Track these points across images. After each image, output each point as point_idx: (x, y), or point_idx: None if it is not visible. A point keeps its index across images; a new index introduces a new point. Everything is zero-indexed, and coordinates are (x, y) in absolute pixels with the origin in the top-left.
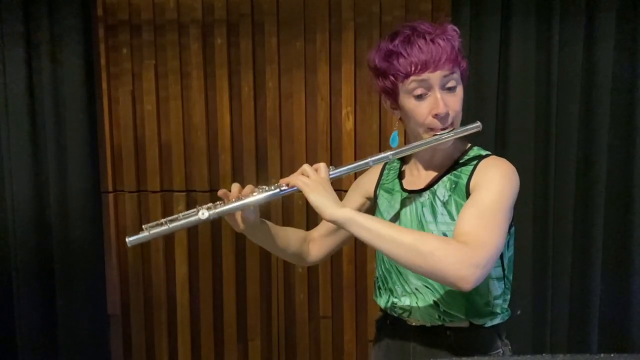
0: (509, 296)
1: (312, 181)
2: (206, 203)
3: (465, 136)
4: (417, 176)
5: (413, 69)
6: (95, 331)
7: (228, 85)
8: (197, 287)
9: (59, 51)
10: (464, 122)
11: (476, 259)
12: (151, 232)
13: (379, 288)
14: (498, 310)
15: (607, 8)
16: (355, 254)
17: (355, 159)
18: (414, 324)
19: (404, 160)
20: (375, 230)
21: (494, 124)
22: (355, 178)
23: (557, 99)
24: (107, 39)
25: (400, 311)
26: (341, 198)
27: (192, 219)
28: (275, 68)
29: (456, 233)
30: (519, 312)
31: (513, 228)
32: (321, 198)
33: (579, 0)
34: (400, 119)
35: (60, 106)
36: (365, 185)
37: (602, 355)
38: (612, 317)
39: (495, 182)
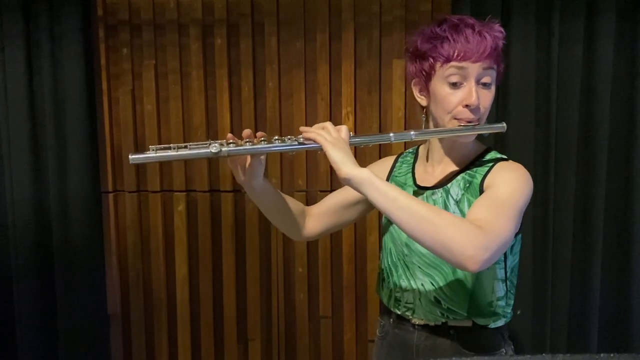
0: (512, 301)
1: (333, 138)
2: (206, 203)
3: (482, 139)
4: (431, 173)
5: (456, 54)
6: (95, 331)
7: (228, 85)
8: (197, 287)
9: (59, 51)
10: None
11: (487, 242)
12: (158, 153)
13: (383, 280)
14: (500, 312)
15: (607, 8)
16: (355, 254)
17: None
18: (417, 322)
19: (418, 156)
20: (391, 195)
21: None
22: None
23: (557, 99)
24: (107, 39)
25: (404, 309)
26: None
27: (202, 151)
28: (275, 68)
29: (469, 219)
30: (518, 312)
31: (520, 235)
32: (341, 154)
33: (579, 0)
34: (424, 109)
35: (60, 106)
36: (377, 173)
37: (602, 355)
38: (612, 317)
39: (510, 181)
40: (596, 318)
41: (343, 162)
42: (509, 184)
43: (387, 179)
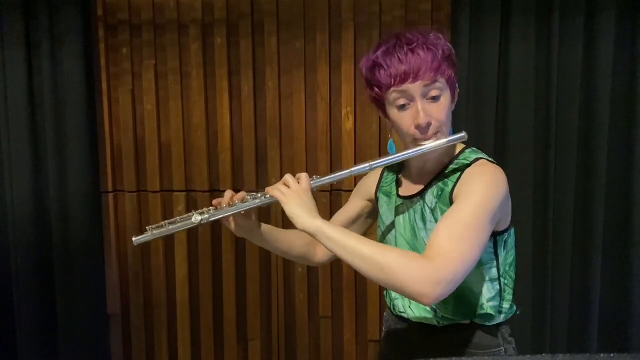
0: (511, 296)
1: (289, 192)
2: (206, 203)
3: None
4: (411, 181)
5: (392, 80)
6: (95, 331)
7: (228, 85)
8: (197, 287)
9: (59, 51)
10: (465, 123)
11: (438, 276)
12: (154, 232)
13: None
14: (492, 312)
15: (607, 8)
16: None
17: (355, 159)
18: (416, 320)
19: (402, 165)
20: (340, 242)
21: (493, 124)
22: (355, 182)
23: (557, 99)
24: (107, 39)
25: (402, 310)
26: (342, 198)
27: (187, 222)
28: (275, 68)
29: (427, 245)
30: (519, 312)
31: (513, 229)
32: (296, 209)
33: (579, 0)
34: (393, 126)
35: (60, 106)
36: (367, 188)
37: (602, 355)
38: (612, 317)
39: (476, 192)
40: (596, 318)
41: (297, 215)
42: (475, 196)
43: (377, 191)
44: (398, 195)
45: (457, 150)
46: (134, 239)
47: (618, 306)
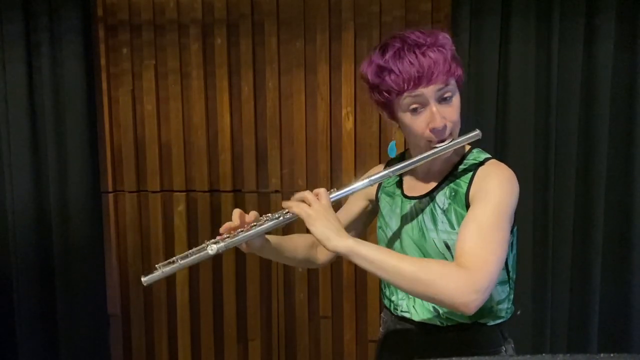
0: (512, 296)
1: (314, 211)
2: (206, 203)
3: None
4: (418, 181)
5: (406, 85)
6: (95, 331)
7: (228, 85)
8: (197, 287)
9: (59, 51)
10: (465, 123)
11: (477, 285)
12: (164, 270)
13: (385, 287)
14: (502, 314)
15: (607, 8)
16: None
17: (355, 159)
18: (416, 320)
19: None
20: (377, 262)
21: (493, 124)
22: (355, 175)
23: (557, 99)
24: (107, 39)
25: (405, 312)
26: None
27: (202, 254)
28: (275, 68)
29: (457, 253)
30: (518, 312)
31: (515, 228)
32: (323, 229)
33: (579, 0)
34: (399, 127)
35: (60, 106)
36: (368, 189)
37: (602, 355)
38: (612, 317)
39: (494, 192)
40: (596, 318)
41: (326, 236)
42: (493, 197)
43: (378, 191)
44: (404, 196)
45: (465, 150)
46: (142, 279)
47: (618, 306)
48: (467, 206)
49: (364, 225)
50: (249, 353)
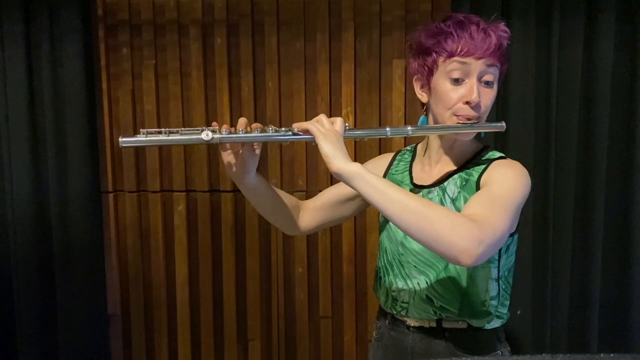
0: (508, 301)
1: (327, 130)
2: (206, 203)
3: (481, 138)
4: (428, 172)
5: (459, 50)
6: (95, 331)
7: (228, 85)
8: (197, 287)
9: (59, 51)
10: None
11: (481, 235)
12: (148, 137)
13: (380, 279)
14: (493, 311)
15: (607, 8)
16: (355, 254)
17: (355, 159)
18: (412, 324)
19: (416, 154)
20: (382, 190)
21: None
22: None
23: (557, 99)
24: (107, 39)
25: (400, 309)
26: None
27: (194, 137)
28: (275, 68)
29: (464, 211)
30: (519, 312)
31: (516, 235)
32: (333, 148)
33: (579, 0)
34: (424, 106)
35: (60, 106)
36: (373, 169)
37: (602, 355)
38: (612, 317)
39: (507, 178)
40: (596, 318)
41: (334, 156)
42: (505, 181)
43: (384, 177)
44: (413, 184)
45: (480, 148)
46: (120, 139)
47: (618, 306)
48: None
49: (359, 208)
50: (249, 353)
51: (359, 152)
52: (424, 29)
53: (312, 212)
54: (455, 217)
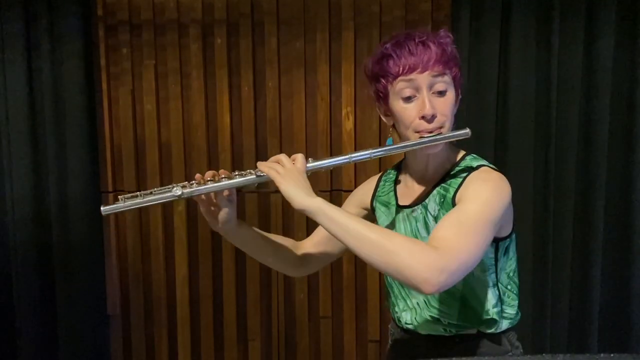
0: (515, 301)
1: (286, 170)
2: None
3: (459, 145)
4: (411, 189)
5: (401, 69)
6: (95, 331)
7: (228, 85)
8: (197, 287)
9: (59, 51)
10: (465, 122)
11: (442, 264)
12: (126, 202)
13: (388, 298)
14: (496, 317)
15: (607, 8)
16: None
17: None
18: (423, 333)
19: (399, 173)
20: (342, 224)
21: (494, 124)
22: (355, 175)
23: (557, 99)
24: (107, 39)
25: (407, 326)
26: (340, 197)
27: (166, 194)
28: (275, 68)
29: (430, 237)
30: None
31: (514, 235)
32: (292, 188)
33: (579, 0)
34: (393, 126)
35: (60, 106)
36: (362, 196)
37: (602, 355)
38: (612, 317)
39: (481, 194)
40: (596, 318)
41: (295, 194)
42: (478, 197)
43: (372, 200)
44: (398, 205)
45: (459, 157)
46: (102, 208)
47: (618, 306)
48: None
49: None
50: (249, 353)
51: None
52: (372, 56)
53: (310, 250)
54: (414, 246)
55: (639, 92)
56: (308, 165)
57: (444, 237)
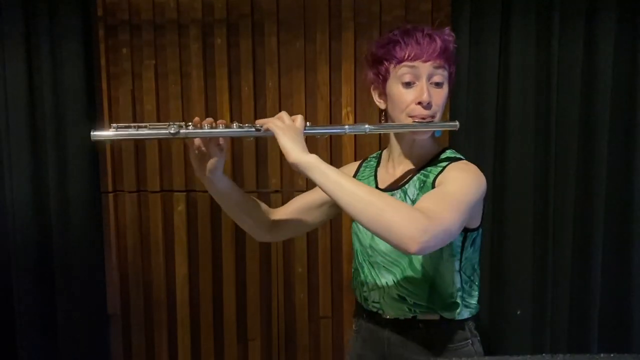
0: (476, 293)
1: (285, 125)
2: (206, 203)
3: (441, 139)
4: (392, 174)
5: (407, 55)
6: (95, 331)
7: (228, 85)
8: (197, 287)
9: (59, 51)
10: (466, 122)
11: (428, 226)
12: (118, 131)
13: (355, 279)
14: (460, 302)
15: (607, 8)
16: None
17: (355, 159)
18: (387, 317)
19: (380, 160)
20: (336, 180)
21: (494, 124)
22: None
23: (557, 99)
24: (107, 39)
25: (374, 308)
26: None
27: (162, 131)
28: (275, 68)
29: (414, 207)
30: (519, 312)
31: (480, 230)
32: (290, 142)
33: (579, 0)
34: (384, 112)
35: (60, 106)
36: None
37: (602, 355)
38: (612, 317)
39: (459, 178)
40: (596, 318)
41: (291, 148)
42: (457, 181)
43: None
44: (377, 187)
45: (440, 150)
46: (92, 133)
47: (618, 306)
48: None
49: (328, 215)
50: (249, 353)
51: (359, 152)
52: (376, 40)
53: (283, 216)
54: (404, 207)
55: (639, 92)
56: (306, 129)
57: (427, 207)
